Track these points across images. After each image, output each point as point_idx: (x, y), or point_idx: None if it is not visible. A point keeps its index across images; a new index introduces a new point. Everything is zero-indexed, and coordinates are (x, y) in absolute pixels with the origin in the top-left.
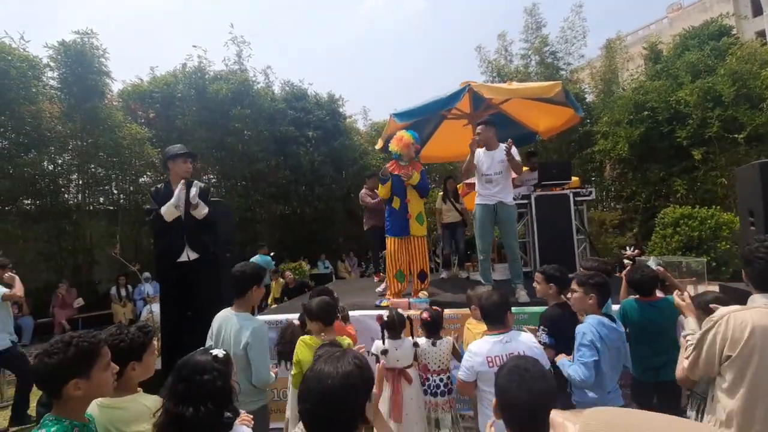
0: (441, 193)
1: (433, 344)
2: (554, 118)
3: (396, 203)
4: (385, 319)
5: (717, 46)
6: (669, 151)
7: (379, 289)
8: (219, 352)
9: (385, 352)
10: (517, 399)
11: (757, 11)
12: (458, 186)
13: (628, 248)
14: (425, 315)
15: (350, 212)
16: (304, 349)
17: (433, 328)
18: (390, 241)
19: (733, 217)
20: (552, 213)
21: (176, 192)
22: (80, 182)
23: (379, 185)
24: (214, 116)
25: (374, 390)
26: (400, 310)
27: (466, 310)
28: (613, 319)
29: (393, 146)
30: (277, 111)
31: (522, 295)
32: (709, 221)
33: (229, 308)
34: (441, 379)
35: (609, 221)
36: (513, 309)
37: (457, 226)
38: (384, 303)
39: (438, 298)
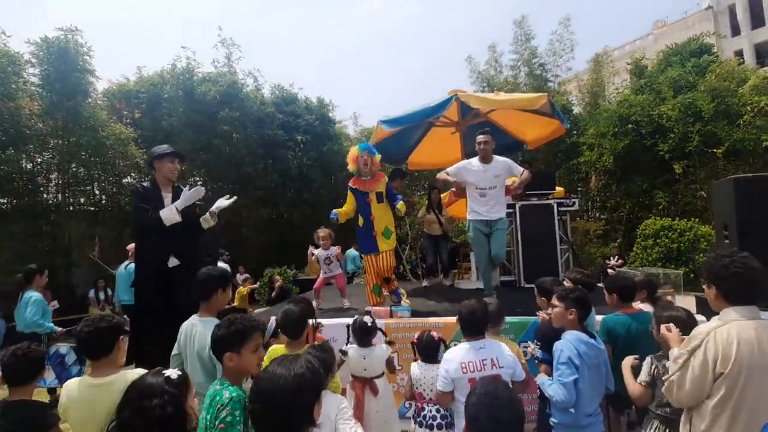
0: (426, 203)
1: (429, 370)
2: (541, 129)
3: (360, 221)
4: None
5: (698, 63)
6: (652, 163)
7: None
8: (173, 373)
9: (344, 353)
10: (485, 428)
11: (736, 32)
12: (443, 195)
13: (612, 258)
14: (415, 337)
15: None
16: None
17: (427, 351)
18: (365, 259)
19: (711, 229)
20: (536, 222)
21: (185, 196)
22: (60, 182)
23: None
24: (202, 118)
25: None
26: (367, 318)
27: (450, 319)
28: (593, 336)
29: (349, 165)
30: (266, 114)
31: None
32: (687, 233)
33: (195, 315)
34: (438, 410)
35: (593, 231)
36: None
37: (439, 239)
38: (366, 308)
39: (420, 307)
